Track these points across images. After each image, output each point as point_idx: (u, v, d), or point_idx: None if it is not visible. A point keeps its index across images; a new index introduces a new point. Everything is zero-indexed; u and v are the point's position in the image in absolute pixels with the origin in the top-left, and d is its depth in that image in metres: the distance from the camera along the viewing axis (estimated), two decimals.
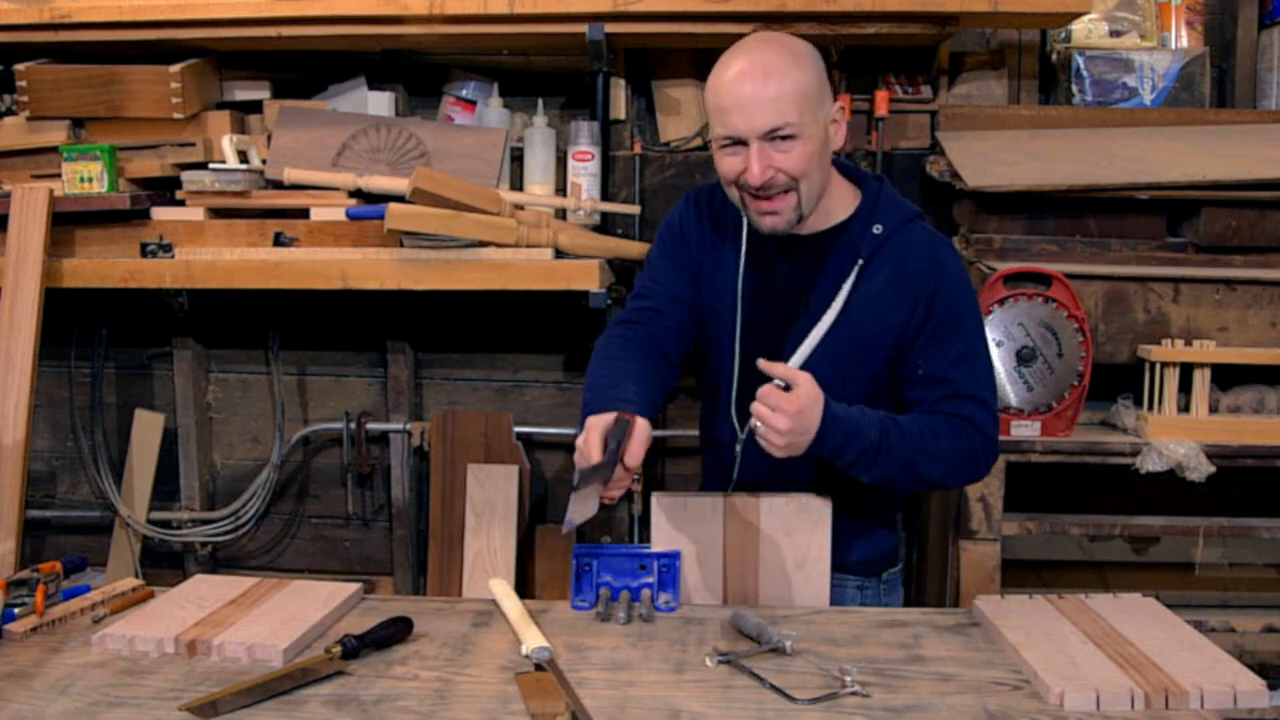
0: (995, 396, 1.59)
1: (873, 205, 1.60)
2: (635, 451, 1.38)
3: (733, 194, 1.56)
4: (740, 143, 1.49)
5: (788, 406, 1.37)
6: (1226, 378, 2.17)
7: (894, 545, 1.74)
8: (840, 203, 1.61)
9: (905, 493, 1.60)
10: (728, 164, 1.52)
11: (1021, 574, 2.37)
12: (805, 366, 1.52)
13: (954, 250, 1.62)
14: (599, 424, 1.39)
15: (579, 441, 1.39)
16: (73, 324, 2.76)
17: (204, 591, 1.52)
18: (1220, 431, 2.11)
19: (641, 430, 1.40)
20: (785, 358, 1.55)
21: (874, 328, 1.56)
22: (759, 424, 1.39)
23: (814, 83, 1.50)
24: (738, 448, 1.64)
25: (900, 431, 1.48)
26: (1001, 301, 2.10)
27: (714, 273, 1.66)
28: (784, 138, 1.47)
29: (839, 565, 1.62)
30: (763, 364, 1.42)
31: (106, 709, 1.19)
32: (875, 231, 1.56)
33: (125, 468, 2.78)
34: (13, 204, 2.28)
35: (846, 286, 1.55)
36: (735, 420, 1.64)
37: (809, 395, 1.39)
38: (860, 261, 1.55)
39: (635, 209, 2.49)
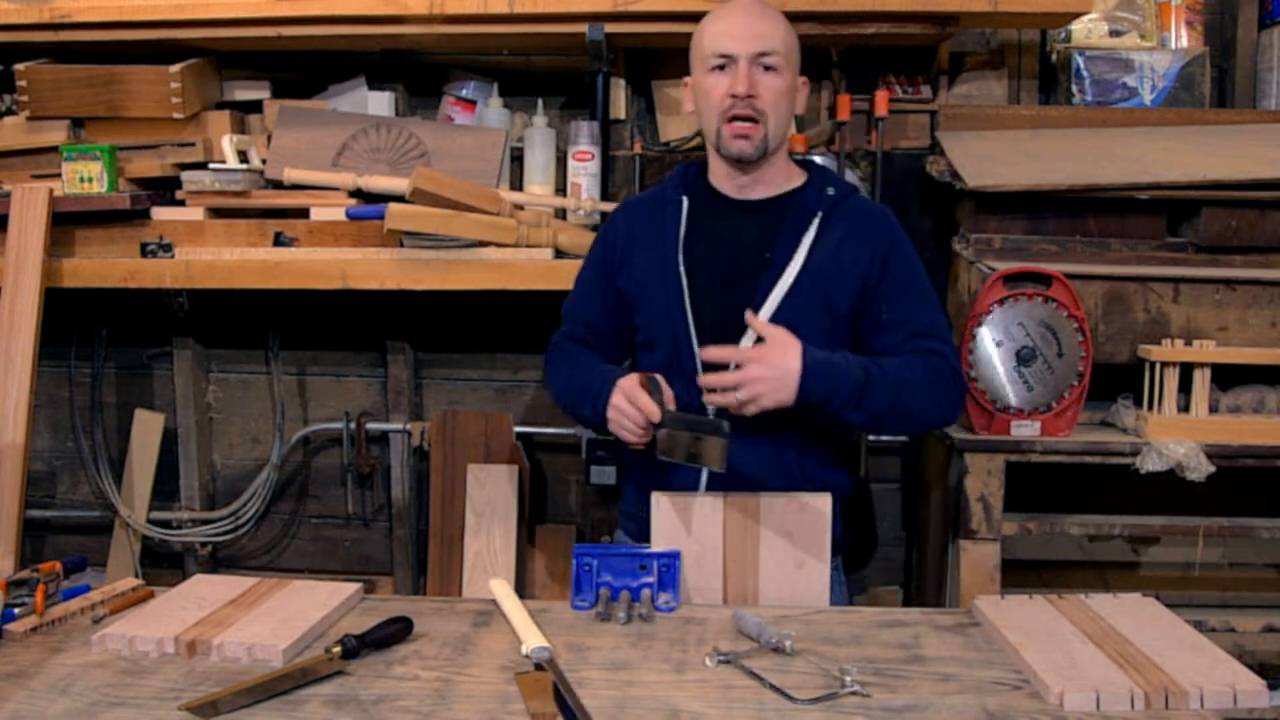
0: (953, 338, 1.70)
1: (821, 178, 1.74)
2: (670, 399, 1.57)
3: (711, 125, 1.67)
4: (729, 63, 1.63)
5: (751, 354, 1.48)
6: (1226, 378, 2.17)
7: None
8: (791, 177, 1.75)
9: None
10: (714, 82, 1.64)
11: (1021, 574, 2.37)
12: (773, 318, 1.60)
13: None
14: (630, 384, 1.54)
15: (620, 404, 1.54)
16: (73, 324, 2.76)
17: (204, 591, 1.52)
18: (1220, 431, 2.11)
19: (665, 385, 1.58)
20: (755, 310, 1.61)
21: (836, 277, 1.65)
22: (740, 394, 1.48)
23: (795, 42, 1.68)
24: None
25: (881, 369, 1.57)
26: (1001, 301, 2.10)
27: (648, 253, 1.71)
28: (768, 67, 1.63)
29: None
30: (709, 352, 1.53)
31: (106, 709, 1.19)
32: (829, 193, 1.70)
33: (125, 468, 2.78)
34: (13, 204, 2.28)
35: (808, 238, 1.65)
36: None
37: (783, 336, 1.51)
38: (820, 214, 1.67)
39: None
